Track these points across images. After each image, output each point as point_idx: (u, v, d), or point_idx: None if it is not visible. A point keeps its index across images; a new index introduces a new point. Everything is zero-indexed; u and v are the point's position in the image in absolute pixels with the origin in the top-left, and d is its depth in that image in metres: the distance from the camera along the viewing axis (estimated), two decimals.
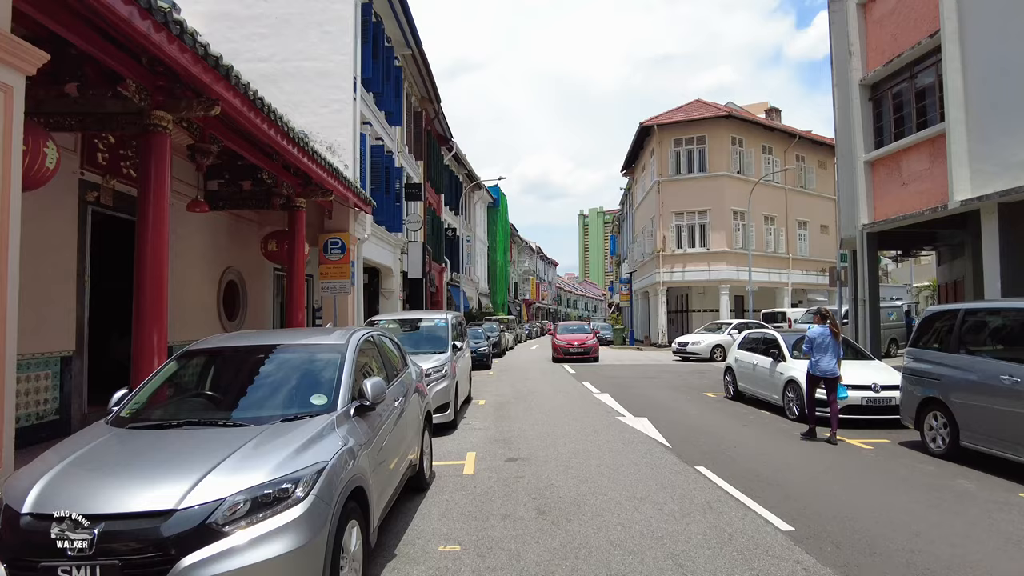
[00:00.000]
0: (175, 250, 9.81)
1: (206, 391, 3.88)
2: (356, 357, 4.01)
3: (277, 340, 4.25)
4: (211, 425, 3.30)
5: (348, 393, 3.66)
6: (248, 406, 3.63)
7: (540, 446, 7.27)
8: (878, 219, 11.97)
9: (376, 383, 3.73)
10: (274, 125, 7.84)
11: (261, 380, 3.84)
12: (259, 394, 3.72)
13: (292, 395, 3.67)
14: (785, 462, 6.50)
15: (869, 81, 12.09)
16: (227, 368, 4.06)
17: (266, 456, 2.88)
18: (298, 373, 3.86)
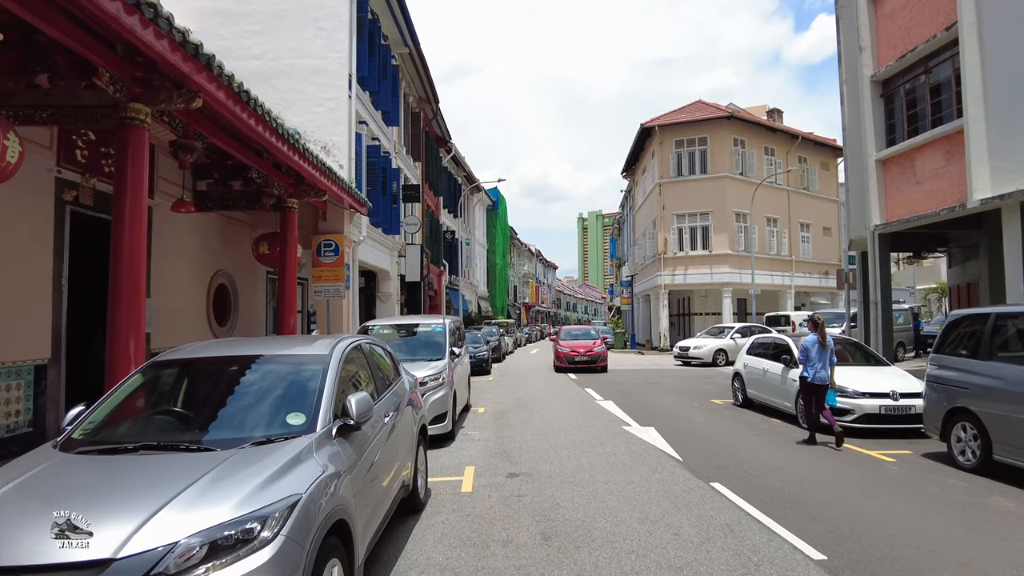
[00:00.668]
0: (162, 252, 9.44)
1: (174, 407, 3.47)
2: (340, 370, 3.60)
3: (254, 350, 3.84)
4: (172, 449, 2.88)
5: (330, 411, 3.25)
6: (217, 426, 3.21)
7: (543, 459, 6.85)
8: (890, 219, 11.58)
9: (362, 399, 3.31)
10: (262, 121, 7.43)
11: (233, 396, 3.42)
12: (230, 412, 3.30)
13: (266, 414, 3.25)
14: (805, 477, 6.08)
15: (880, 77, 11.72)
16: (197, 382, 3.65)
17: (230, 488, 2.47)
18: (274, 388, 3.44)
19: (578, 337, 20.04)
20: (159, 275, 9.35)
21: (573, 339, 19.85)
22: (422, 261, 19.54)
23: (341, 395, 3.45)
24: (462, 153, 31.98)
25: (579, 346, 18.92)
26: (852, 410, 8.29)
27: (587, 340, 19.59)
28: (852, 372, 9.05)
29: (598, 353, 18.71)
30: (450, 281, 30.04)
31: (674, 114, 32.30)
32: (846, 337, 11.97)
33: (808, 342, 7.93)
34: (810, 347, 7.81)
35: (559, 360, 19.08)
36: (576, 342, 19.33)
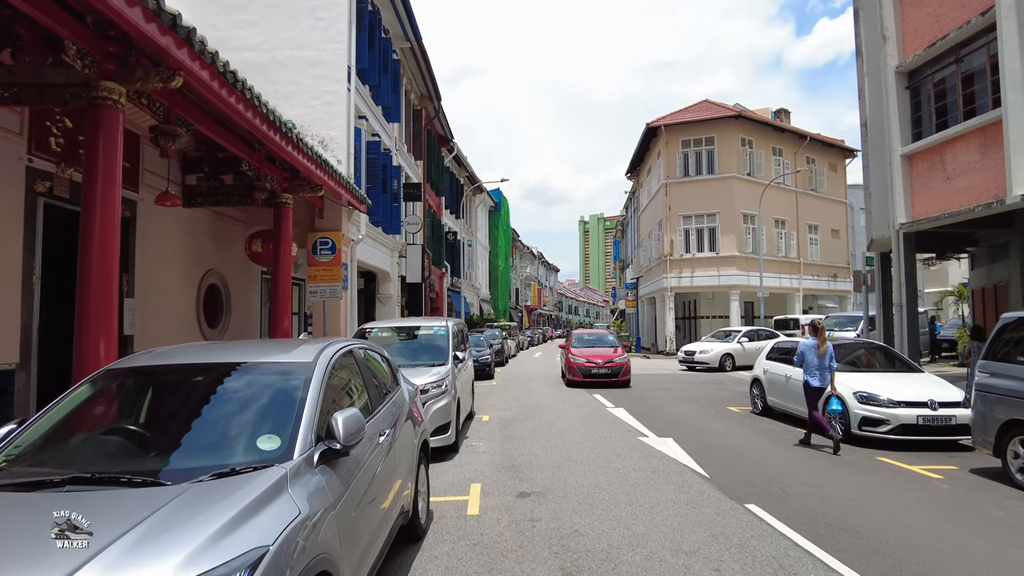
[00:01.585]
0: (147, 250, 8.86)
1: (126, 426, 2.88)
2: (327, 381, 3.01)
3: (225, 357, 3.25)
4: (109, 483, 2.29)
5: (311, 432, 2.66)
6: (171, 452, 2.62)
7: (556, 476, 6.25)
8: (917, 217, 10.98)
9: (351, 418, 2.72)
10: (251, 106, 6.85)
11: (194, 414, 2.83)
12: (188, 435, 2.71)
13: (233, 436, 2.66)
14: (848, 497, 5.47)
15: (906, 68, 11.13)
16: (154, 395, 3.05)
17: (174, 541, 1.88)
18: (246, 404, 2.85)
19: (593, 344, 16.60)
20: (144, 274, 8.76)
21: (588, 347, 16.30)
22: (423, 262, 18.96)
23: (327, 411, 2.86)
24: (464, 153, 31.44)
25: (596, 355, 15.49)
26: (886, 420, 7.68)
27: (605, 348, 16.21)
28: (883, 379, 8.46)
29: (620, 364, 15.18)
30: (452, 283, 29.46)
31: (680, 113, 31.74)
32: (872, 341, 11.37)
33: (805, 346, 8.00)
34: (807, 351, 7.89)
35: (571, 372, 15.38)
36: (592, 350, 15.86)
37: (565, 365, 16.18)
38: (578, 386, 14.95)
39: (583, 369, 15.09)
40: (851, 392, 8.07)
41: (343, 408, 2.87)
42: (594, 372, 14.99)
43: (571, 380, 15.41)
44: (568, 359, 15.81)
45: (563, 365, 16.87)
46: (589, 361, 15.14)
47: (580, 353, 15.68)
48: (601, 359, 15.20)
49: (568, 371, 15.66)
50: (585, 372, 15.03)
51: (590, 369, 15.00)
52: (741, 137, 29.69)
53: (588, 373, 14.98)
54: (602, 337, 17.75)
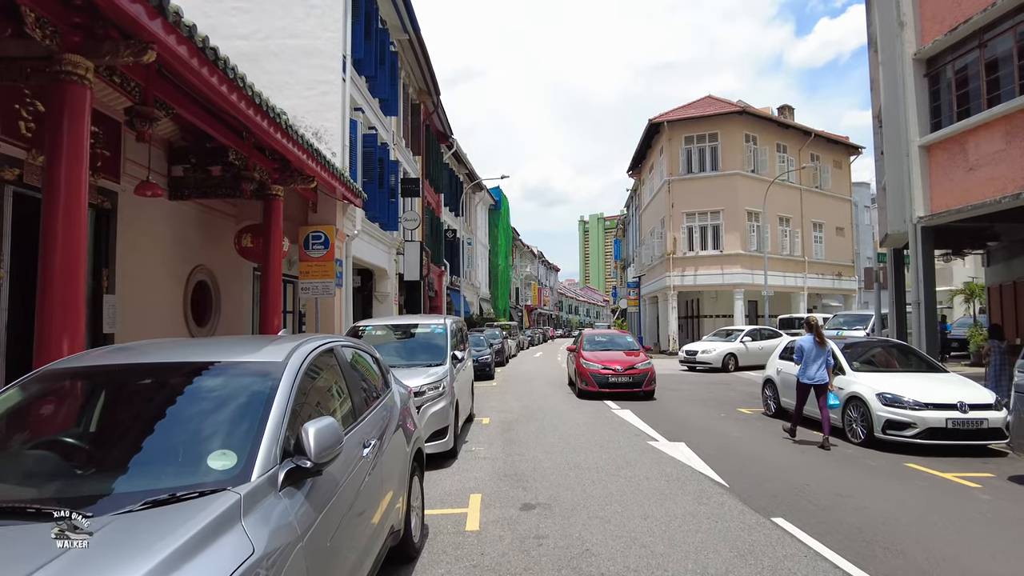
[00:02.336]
0: (130, 244, 8.38)
1: (53, 438, 2.41)
2: (298, 385, 2.54)
3: (181, 356, 2.77)
4: (14, 515, 1.82)
5: (276, 447, 2.19)
6: (101, 474, 2.15)
7: (562, 485, 5.77)
8: (936, 211, 10.51)
9: (325, 429, 2.26)
10: (236, 88, 6.38)
11: (136, 424, 2.36)
12: (125, 450, 2.24)
13: (180, 452, 2.20)
14: (883, 508, 5.01)
15: (924, 55, 10.65)
16: (91, 402, 2.58)
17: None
18: (198, 413, 2.38)
19: (609, 346, 14.12)
20: (127, 269, 8.30)
21: (603, 350, 13.74)
22: (422, 259, 18.49)
23: (298, 421, 2.40)
24: (463, 151, 30.98)
25: (614, 361, 12.94)
26: (913, 423, 7.21)
27: (624, 352, 13.74)
28: (907, 379, 7.99)
29: (643, 372, 12.55)
30: (451, 282, 28.99)
31: (683, 109, 31.28)
32: (891, 339, 10.90)
33: (804, 342, 8.03)
34: (806, 347, 7.92)
35: (583, 381, 12.81)
36: (608, 355, 13.36)
37: (576, 372, 13.45)
38: (592, 397, 12.47)
39: (599, 377, 12.51)
40: (874, 394, 7.61)
41: (318, 417, 2.40)
42: (612, 381, 12.45)
43: (584, 390, 12.82)
44: (580, 365, 13.10)
45: (571, 371, 14.54)
46: (606, 368, 12.62)
47: (594, 358, 13.07)
48: (620, 365, 12.67)
49: (580, 379, 13.03)
50: (601, 381, 12.48)
51: (607, 377, 12.46)
52: (745, 133, 29.22)
53: (605, 382, 12.45)
54: (619, 338, 15.03)
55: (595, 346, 14.03)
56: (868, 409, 7.60)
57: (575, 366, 13.77)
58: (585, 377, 12.74)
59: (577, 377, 13.40)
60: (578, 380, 13.21)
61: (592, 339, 14.72)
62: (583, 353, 13.43)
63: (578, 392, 13.21)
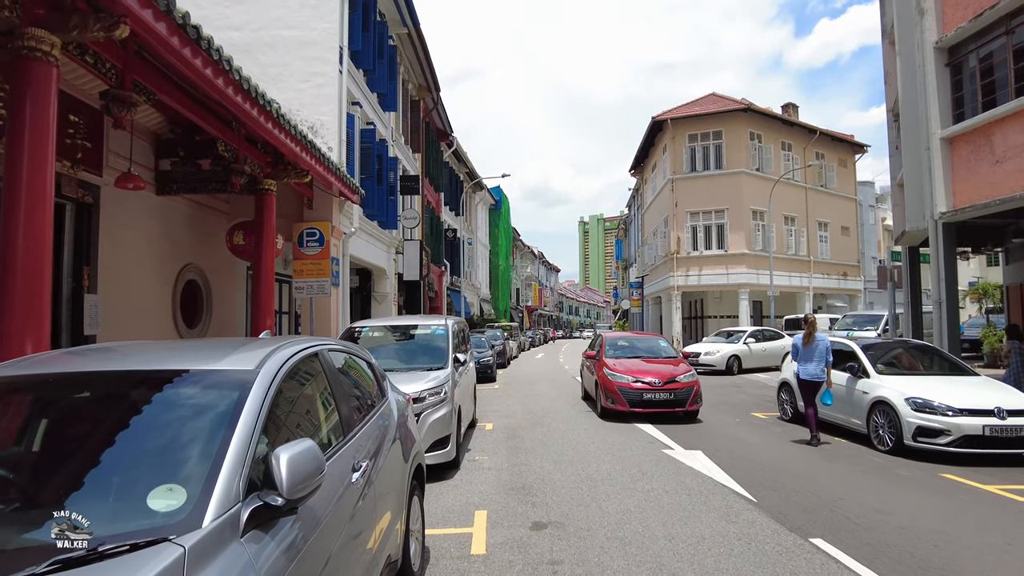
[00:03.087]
0: (114, 241, 7.92)
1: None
2: (272, 399, 2.08)
3: (132, 364, 2.31)
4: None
5: (238, 480, 1.73)
6: (16, 517, 1.69)
7: (575, 500, 5.31)
8: (960, 206, 10.05)
9: (300, 456, 1.80)
10: (221, 72, 5.93)
11: (66, 449, 1.90)
12: (46, 483, 1.78)
13: (112, 488, 1.73)
14: (934, 529, 4.54)
15: (947, 43, 10.21)
16: (13, 422, 2.11)
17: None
18: (144, 436, 1.91)
19: (639, 353, 11.27)
20: (110, 268, 7.84)
21: (631, 357, 10.96)
22: (421, 259, 18.03)
23: (270, 444, 1.94)
24: (464, 149, 30.54)
25: (648, 372, 10.02)
26: (947, 431, 6.75)
27: (660, 360, 10.82)
28: (937, 383, 7.53)
29: (687, 386, 9.79)
30: (451, 282, 28.54)
31: (687, 107, 30.84)
32: (912, 340, 10.44)
33: (799, 340, 8.21)
34: (799, 345, 8.17)
35: (609, 398, 9.92)
36: (639, 364, 10.48)
37: (598, 386, 10.46)
38: (619, 418, 9.77)
39: (630, 393, 9.68)
40: (903, 398, 7.15)
41: (295, 439, 1.94)
42: (647, 398, 9.61)
43: (608, 409, 9.93)
44: (603, 376, 10.21)
45: (589, 384, 11.72)
46: (639, 380, 9.77)
47: (623, 367, 10.23)
48: (656, 377, 9.78)
49: (604, 395, 10.08)
50: (633, 398, 9.65)
51: (640, 393, 9.62)
52: (749, 131, 28.78)
53: (638, 399, 9.63)
54: (649, 342, 12.02)
55: (620, 352, 11.21)
56: (896, 415, 7.14)
57: (596, 377, 10.60)
58: (611, 392, 9.87)
59: (599, 392, 10.35)
60: (601, 396, 10.20)
61: (615, 343, 11.68)
62: (606, 361, 10.51)
63: (601, 411, 10.21)
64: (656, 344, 11.90)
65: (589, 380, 11.79)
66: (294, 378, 2.39)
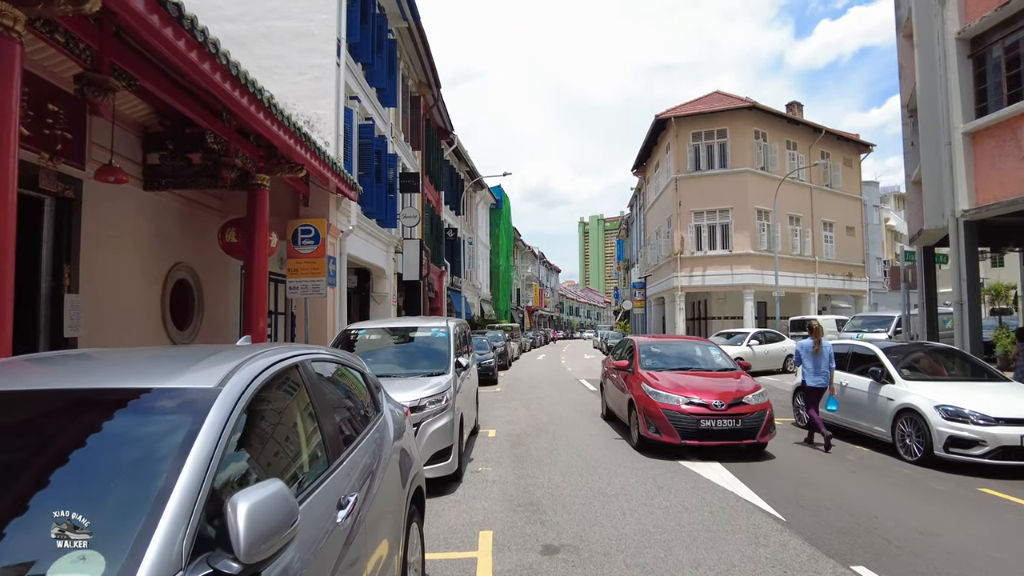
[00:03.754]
0: (98, 238, 7.50)
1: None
2: (235, 426, 1.66)
3: (60, 381, 1.86)
4: None
5: (180, 540, 1.31)
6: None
7: (588, 518, 4.89)
8: (983, 203, 9.64)
9: (266, 504, 1.39)
10: (208, 56, 5.53)
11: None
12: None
13: (6, 553, 1.31)
14: (985, 554, 4.12)
15: (969, 34, 9.80)
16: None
17: None
18: (63, 480, 1.49)
19: (685, 363, 8.69)
20: (94, 266, 7.44)
21: (677, 369, 8.37)
22: (421, 258, 17.61)
23: (227, 487, 1.52)
24: (464, 147, 30.12)
25: (705, 389, 7.57)
26: (981, 441, 6.33)
27: (712, 371, 8.48)
28: (967, 389, 7.11)
29: (757, 411, 7.33)
30: (451, 282, 28.12)
31: (690, 105, 30.44)
32: (934, 343, 10.01)
33: (802, 347, 8.11)
34: (801, 351, 8.08)
35: (653, 424, 7.39)
36: (691, 379, 7.98)
37: (634, 407, 7.87)
38: (666, 452, 7.29)
39: (681, 420, 7.12)
40: (932, 406, 6.74)
41: (264, 478, 1.52)
42: (706, 427, 7.07)
43: (650, 439, 7.36)
44: (642, 396, 7.65)
45: (616, 402, 9.11)
46: (694, 402, 7.21)
47: (668, 383, 7.66)
48: (718, 398, 7.24)
49: (644, 420, 7.48)
50: (686, 426, 7.10)
51: (697, 420, 7.07)
52: (754, 130, 28.36)
53: (693, 428, 7.08)
54: (697, 349, 9.26)
55: (661, 362, 8.60)
56: (926, 424, 6.72)
57: (631, 395, 8.03)
58: (654, 417, 7.29)
59: (635, 415, 7.77)
60: (639, 422, 7.58)
61: (651, 350, 8.94)
62: (644, 374, 7.99)
63: (638, 440, 7.62)
64: (705, 351, 9.18)
65: (617, 397, 8.99)
66: (267, 397, 1.97)
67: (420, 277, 17.71)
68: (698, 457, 7.13)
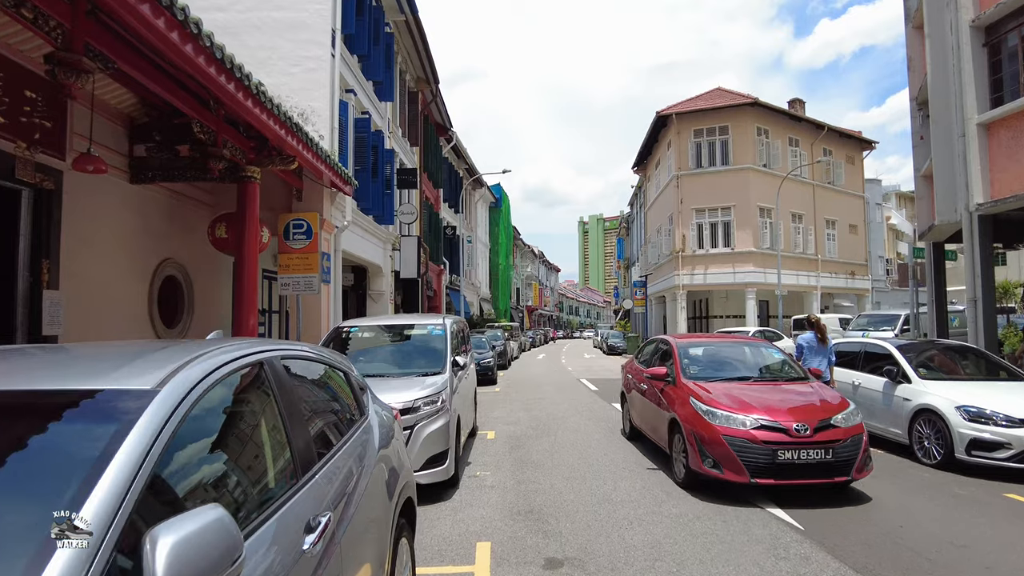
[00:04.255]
0: (80, 233, 7.17)
1: None
2: (173, 438, 1.34)
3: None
4: None
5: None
6: None
7: (593, 527, 4.57)
8: (999, 196, 9.33)
9: (193, 543, 1.08)
10: (190, 38, 5.22)
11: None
12: None
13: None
14: (1020, 566, 3.82)
15: (984, 21, 9.49)
16: None
17: None
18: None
19: (751, 371, 6.88)
20: (76, 262, 7.13)
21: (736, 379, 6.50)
22: (419, 256, 17.29)
23: (158, 513, 1.21)
24: (463, 145, 29.80)
25: (775, 407, 5.56)
26: (1006, 443, 6.02)
27: (779, 380, 6.71)
28: (988, 389, 6.80)
29: (850, 434, 5.37)
30: (450, 281, 27.80)
31: (692, 101, 30.12)
32: (947, 341, 9.69)
33: (805, 339, 7.78)
34: (803, 344, 7.73)
35: (710, 458, 5.37)
36: (755, 392, 6.00)
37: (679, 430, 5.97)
38: (727, 495, 5.44)
39: (752, 450, 5.24)
40: (953, 407, 6.42)
41: (195, 508, 1.21)
42: (785, 460, 5.20)
43: (706, 474, 5.46)
44: (692, 416, 5.76)
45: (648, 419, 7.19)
46: (767, 425, 5.36)
47: (730, 399, 5.78)
48: (799, 419, 5.38)
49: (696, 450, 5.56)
50: (759, 460, 5.22)
51: (773, 452, 5.21)
52: (757, 126, 28.05)
53: (768, 462, 5.20)
54: (752, 351, 7.42)
55: (710, 370, 6.69)
56: (946, 425, 6.41)
57: (676, 413, 6.05)
58: (711, 445, 5.39)
59: (682, 441, 5.83)
60: (689, 451, 5.62)
61: (691, 353, 7.03)
62: (691, 386, 6.12)
63: (685, 475, 5.70)
64: (760, 353, 7.32)
65: (650, 415, 7.01)
66: (221, 400, 1.66)
67: (418, 275, 17.39)
68: (771, 500, 5.25)
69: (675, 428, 6.08)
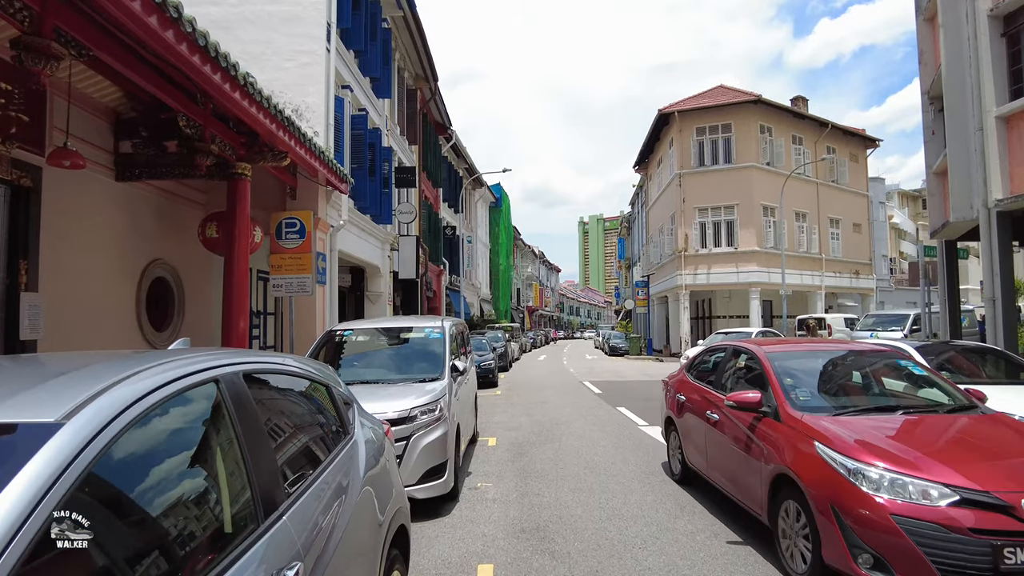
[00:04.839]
0: (62, 232, 6.82)
1: None
2: (74, 488, 1.01)
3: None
4: None
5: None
6: None
7: (603, 547, 4.23)
8: (1019, 191, 8.99)
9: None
10: (171, 23, 4.88)
11: None
12: None
13: None
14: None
15: (1003, 10, 9.15)
16: None
17: None
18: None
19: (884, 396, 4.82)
20: (57, 262, 6.79)
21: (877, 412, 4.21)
22: (418, 256, 16.96)
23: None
24: (463, 143, 29.47)
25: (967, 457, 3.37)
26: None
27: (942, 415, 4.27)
28: (1015, 395, 6.45)
29: None
30: (450, 281, 27.47)
31: (694, 99, 29.79)
32: (964, 343, 9.36)
33: None
34: None
35: (871, 549, 3.08)
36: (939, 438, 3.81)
37: (806, 497, 3.50)
38: None
39: (954, 550, 2.92)
40: None
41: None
42: (1014, 567, 2.82)
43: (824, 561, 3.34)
44: (825, 475, 3.44)
45: (731, 472, 4.67)
46: (974, 500, 3.02)
47: (888, 446, 3.49)
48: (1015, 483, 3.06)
49: (844, 536, 3.21)
50: (968, 566, 2.88)
51: (996, 551, 2.86)
52: (760, 124, 27.73)
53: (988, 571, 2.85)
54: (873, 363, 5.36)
55: (827, 396, 4.57)
56: None
57: (790, 467, 3.73)
58: (873, 532, 3.13)
59: (811, 516, 3.47)
60: (824, 534, 3.36)
61: (792, 370, 4.71)
62: (815, 425, 3.82)
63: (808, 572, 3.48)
64: (885, 364, 5.42)
65: (724, 456, 4.82)
66: (156, 431, 1.32)
67: (417, 275, 17.06)
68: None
69: (784, 490, 3.81)
